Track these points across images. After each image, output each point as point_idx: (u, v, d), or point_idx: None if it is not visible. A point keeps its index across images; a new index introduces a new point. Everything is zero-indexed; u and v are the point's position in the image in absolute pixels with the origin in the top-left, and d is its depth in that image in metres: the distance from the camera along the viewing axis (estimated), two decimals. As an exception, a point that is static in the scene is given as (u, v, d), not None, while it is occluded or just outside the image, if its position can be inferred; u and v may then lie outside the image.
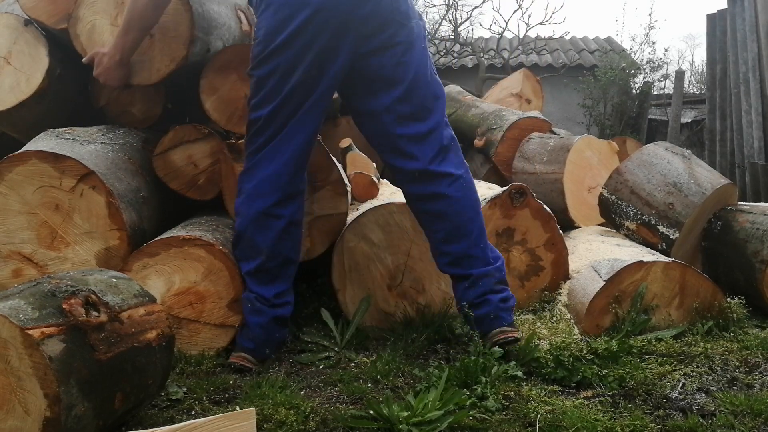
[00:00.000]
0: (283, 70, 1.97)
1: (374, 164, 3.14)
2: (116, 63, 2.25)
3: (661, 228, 2.80)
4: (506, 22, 23.28)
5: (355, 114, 2.20)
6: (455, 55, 10.01)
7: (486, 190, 3.11)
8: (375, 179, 2.87)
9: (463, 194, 2.09)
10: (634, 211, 2.89)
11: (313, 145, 2.12)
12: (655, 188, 2.84)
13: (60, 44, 2.52)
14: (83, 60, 2.34)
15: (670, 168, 2.87)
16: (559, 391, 1.87)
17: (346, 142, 3.17)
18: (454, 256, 2.10)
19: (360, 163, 2.98)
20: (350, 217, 2.43)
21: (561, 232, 2.75)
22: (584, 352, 2.05)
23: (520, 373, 1.92)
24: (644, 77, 9.07)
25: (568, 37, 11.21)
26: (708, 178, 2.84)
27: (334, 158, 2.46)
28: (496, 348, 2.01)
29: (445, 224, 2.09)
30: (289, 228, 2.06)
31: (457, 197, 2.08)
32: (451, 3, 10.68)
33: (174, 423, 1.51)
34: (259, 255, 2.04)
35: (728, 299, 2.45)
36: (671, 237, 2.75)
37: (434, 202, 2.09)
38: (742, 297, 2.47)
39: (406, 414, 1.58)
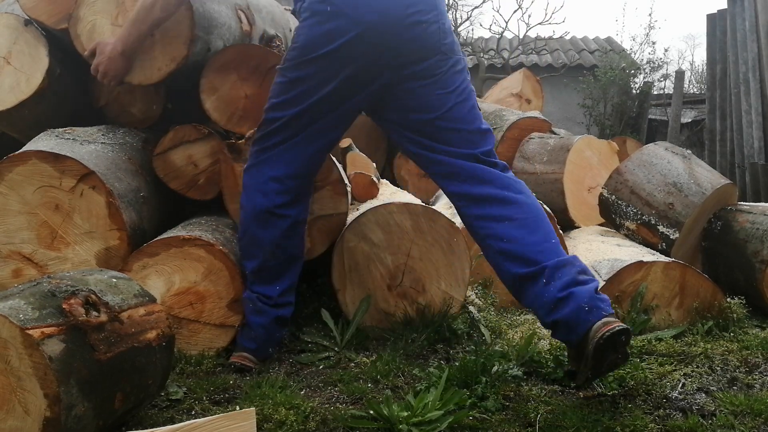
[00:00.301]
0: (316, 80, 1.93)
1: (374, 164, 3.14)
2: (118, 54, 2.23)
3: (661, 228, 2.80)
4: (506, 22, 23.26)
5: (381, 121, 2.12)
6: (455, 55, 9.99)
7: (486, 190, 3.11)
8: (375, 179, 2.87)
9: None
10: (634, 211, 2.89)
11: (328, 153, 2.10)
12: (655, 188, 2.84)
13: (60, 44, 2.52)
14: (85, 54, 2.33)
15: (670, 168, 2.87)
16: (559, 391, 1.87)
17: (346, 142, 3.17)
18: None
19: (360, 163, 2.98)
20: (350, 217, 2.42)
21: (561, 232, 2.75)
22: (584, 352, 2.05)
23: (520, 373, 1.92)
24: (644, 77, 9.09)
25: (568, 37, 11.22)
26: (708, 178, 2.84)
27: (334, 158, 2.46)
28: (605, 347, 1.55)
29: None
30: (294, 226, 2.06)
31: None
32: (451, 3, 10.68)
33: (174, 423, 1.51)
34: (261, 252, 2.03)
35: (728, 299, 2.45)
36: (671, 237, 2.75)
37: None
38: (742, 297, 2.47)
39: (406, 414, 1.58)
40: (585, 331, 1.64)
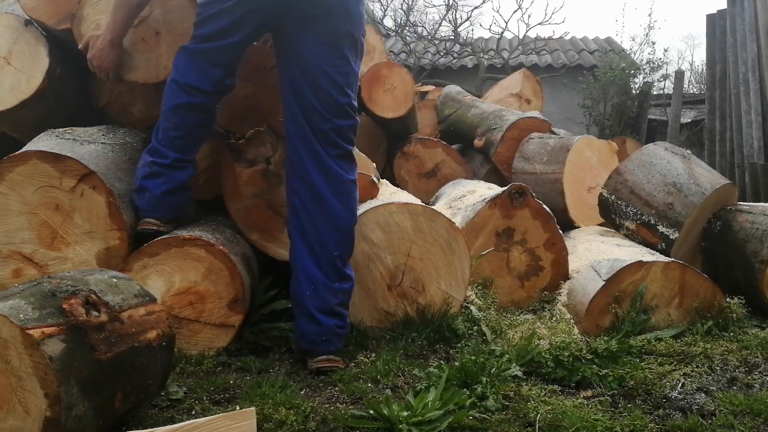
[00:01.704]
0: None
1: (374, 164, 3.14)
2: (108, 43, 2.25)
3: (660, 228, 2.80)
4: (506, 23, 23.32)
5: None
6: (455, 55, 10.02)
7: (486, 190, 3.12)
8: (375, 179, 2.87)
9: None
10: (634, 211, 2.89)
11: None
12: (655, 188, 2.84)
13: (60, 44, 2.52)
14: (79, 46, 2.34)
15: (670, 168, 2.87)
16: (559, 390, 1.87)
17: None
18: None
19: (360, 162, 2.98)
20: (350, 217, 2.42)
21: (561, 232, 2.75)
22: (584, 351, 2.05)
23: (520, 373, 1.92)
24: (644, 77, 9.09)
25: (567, 38, 11.22)
26: (708, 178, 2.84)
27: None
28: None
29: None
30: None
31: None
32: (451, 3, 10.70)
33: (174, 423, 1.51)
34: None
35: (728, 299, 2.45)
36: (671, 237, 2.75)
37: None
38: (742, 297, 2.47)
39: (406, 414, 1.59)
40: (313, 355, 2.03)
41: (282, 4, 2.04)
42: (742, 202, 2.93)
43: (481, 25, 40.50)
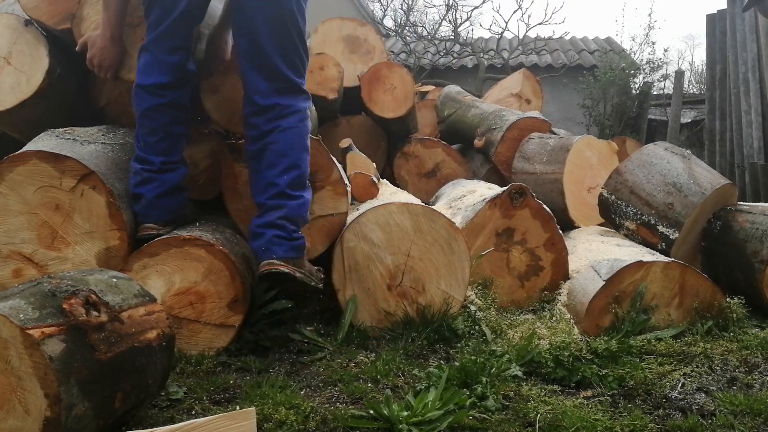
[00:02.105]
0: None
1: (374, 164, 3.14)
2: (108, 40, 2.26)
3: (660, 228, 2.80)
4: (506, 23, 23.33)
5: None
6: (455, 55, 10.02)
7: (486, 190, 3.12)
8: (375, 179, 2.87)
9: None
10: (634, 211, 2.89)
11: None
12: (655, 188, 2.84)
13: (60, 44, 2.52)
14: (77, 48, 2.34)
15: (670, 168, 2.87)
16: (559, 390, 1.87)
17: (345, 143, 3.17)
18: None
19: (360, 162, 2.98)
20: (350, 218, 2.43)
21: (561, 232, 2.75)
22: (584, 351, 2.05)
23: (520, 373, 1.92)
24: (644, 77, 9.09)
25: (567, 38, 11.23)
26: (708, 178, 2.84)
27: (334, 158, 2.46)
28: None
29: None
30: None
31: None
32: (451, 3, 10.70)
33: (174, 423, 1.51)
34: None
35: (728, 299, 2.45)
36: (671, 237, 2.75)
37: None
38: (742, 297, 2.47)
39: (406, 414, 1.59)
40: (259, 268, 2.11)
41: None
42: (742, 202, 2.93)
43: (481, 25, 40.58)
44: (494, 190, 3.04)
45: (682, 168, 2.86)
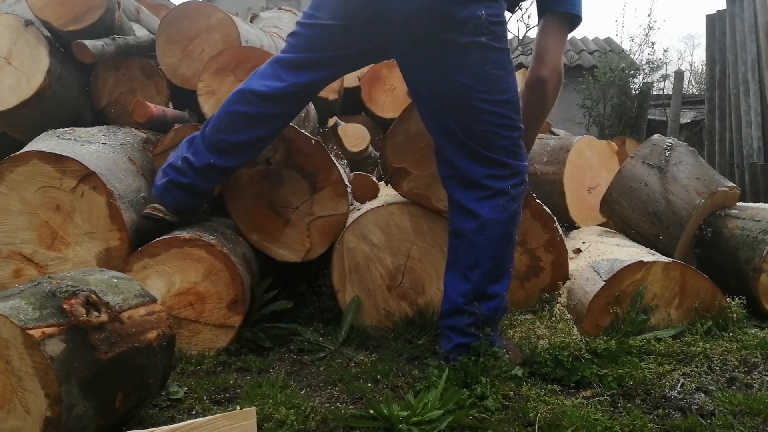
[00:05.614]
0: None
1: (365, 128, 3.04)
2: None
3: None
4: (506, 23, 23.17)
5: None
6: (455, 55, 9.99)
7: (486, 191, 3.11)
8: (375, 180, 2.87)
9: None
10: (632, 237, 2.97)
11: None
12: (640, 218, 2.91)
13: (63, 45, 2.52)
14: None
15: (648, 193, 2.87)
16: (559, 390, 1.88)
17: (332, 121, 3.10)
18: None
19: (351, 131, 2.92)
20: (350, 218, 2.43)
21: (561, 232, 2.75)
22: (583, 351, 2.05)
23: (519, 373, 1.93)
24: (643, 78, 9.09)
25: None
26: (682, 202, 2.80)
27: (334, 159, 2.46)
28: None
29: None
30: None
31: None
32: (450, 3, 10.65)
33: (174, 423, 1.51)
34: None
35: (728, 299, 2.45)
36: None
37: None
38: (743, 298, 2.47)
39: (406, 413, 1.59)
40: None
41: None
42: (732, 206, 2.91)
43: (481, 26, 40.36)
44: (494, 190, 3.03)
45: (659, 192, 2.84)
